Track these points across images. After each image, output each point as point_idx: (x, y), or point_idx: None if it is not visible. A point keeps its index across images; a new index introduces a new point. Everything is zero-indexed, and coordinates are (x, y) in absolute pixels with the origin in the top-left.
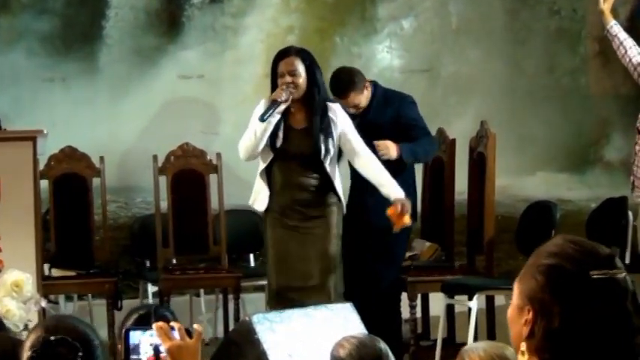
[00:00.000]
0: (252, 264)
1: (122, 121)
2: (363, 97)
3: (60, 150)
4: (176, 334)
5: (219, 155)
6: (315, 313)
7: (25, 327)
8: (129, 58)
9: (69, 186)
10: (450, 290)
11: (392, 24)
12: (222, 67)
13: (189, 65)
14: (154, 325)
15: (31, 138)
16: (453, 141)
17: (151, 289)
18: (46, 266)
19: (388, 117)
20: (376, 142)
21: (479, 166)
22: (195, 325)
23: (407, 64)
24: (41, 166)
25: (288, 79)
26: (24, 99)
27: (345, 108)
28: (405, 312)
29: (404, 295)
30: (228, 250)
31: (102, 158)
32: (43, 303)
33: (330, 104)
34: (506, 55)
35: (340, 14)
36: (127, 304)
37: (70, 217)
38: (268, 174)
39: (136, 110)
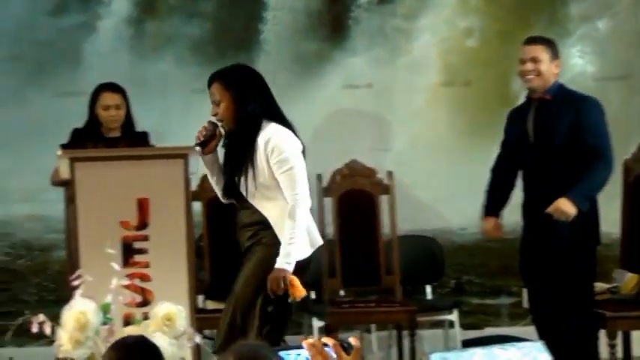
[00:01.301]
0: (430, 296)
1: None
2: (548, 66)
3: None
4: (331, 351)
5: (390, 174)
6: (500, 352)
7: None
8: (288, 66)
9: (224, 209)
10: None
11: (585, 25)
12: (393, 75)
13: (356, 73)
14: (304, 343)
15: (182, 156)
16: None
17: (317, 324)
18: (199, 298)
19: (566, 120)
20: (549, 211)
21: None
22: (351, 339)
23: (601, 70)
24: (193, 187)
25: (213, 110)
26: (173, 112)
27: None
28: (604, 352)
29: (602, 333)
30: (402, 280)
31: None
32: (198, 339)
33: (267, 127)
34: None
35: (525, 15)
36: (291, 340)
37: (225, 243)
38: None
39: (296, 124)
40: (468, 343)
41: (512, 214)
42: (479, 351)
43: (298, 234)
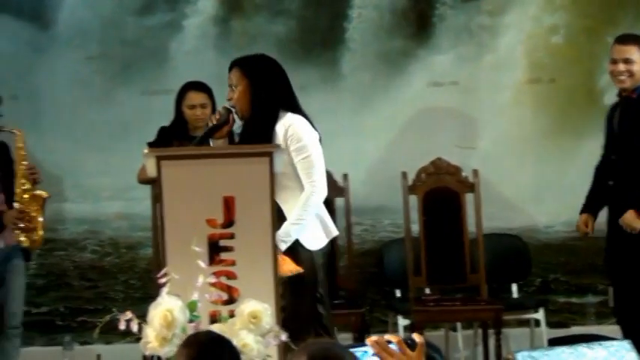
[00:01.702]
0: (516, 295)
1: (367, 134)
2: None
3: None
4: (395, 348)
5: (476, 172)
6: (586, 350)
7: None
8: (373, 64)
9: None
10: None
11: None
12: (478, 72)
13: (441, 71)
14: (368, 341)
15: (267, 154)
16: None
17: (402, 322)
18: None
19: None
20: (620, 222)
21: None
22: (414, 335)
23: None
24: None
25: (228, 95)
26: None
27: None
28: None
29: None
30: (487, 278)
31: (345, 176)
32: (283, 336)
33: (285, 116)
34: None
35: (611, 11)
36: None
37: None
38: None
39: (382, 122)
40: (554, 342)
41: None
42: (565, 350)
43: (306, 219)
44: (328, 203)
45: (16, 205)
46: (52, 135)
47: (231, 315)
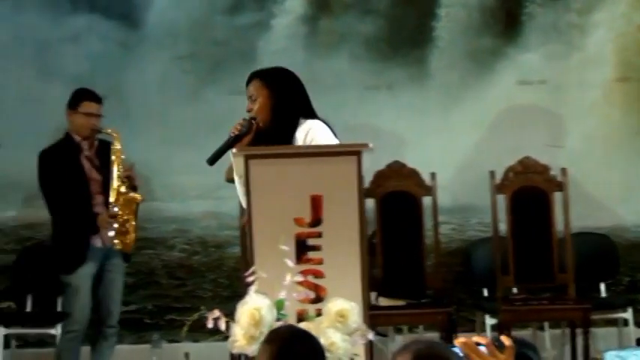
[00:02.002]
0: (604, 294)
1: (455, 133)
2: None
3: (387, 166)
4: (484, 350)
5: (564, 171)
6: None
7: None
8: (462, 63)
9: (397, 206)
10: None
11: None
12: (567, 71)
13: (530, 69)
14: (456, 342)
15: (355, 152)
16: None
17: (489, 321)
18: (372, 294)
19: None
20: None
21: None
22: (502, 338)
23: None
24: (366, 184)
25: (249, 106)
26: (347, 108)
27: None
28: None
29: None
30: (575, 278)
31: (433, 175)
32: (370, 335)
33: (305, 122)
34: None
35: None
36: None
37: (399, 240)
38: None
39: (469, 121)
40: None
41: None
42: None
43: None
44: (414, 200)
45: (111, 207)
46: (141, 134)
47: (319, 313)
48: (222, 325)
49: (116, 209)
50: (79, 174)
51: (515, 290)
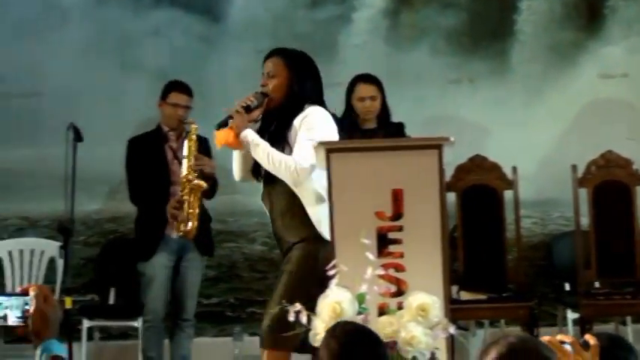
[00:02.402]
0: None
1: (536, 127)
2: None
3: (468, 159)
4: (569, 348)
5: None
6: None
7: (432, 356)
8: (543, 56)
9: (478, 199)
10: None
11: None
12: None
13: (612, 63)
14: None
15: (436, 146)
16: None
17: (571, 315)
18: (453, 288)
19: None
20: None
21: None
22: (587, 337)
23: None
24: (447, 177)
25: (263, 81)
26: (427, 102)
27: None
28: None
29: None
30: None
31: (514, 168)
32: (452, 329)
33: (306, 108)
34: None
35: None
36: (544, 332)
37: (480, 234)
38: None
39: (551, 114)
40: None
41: None
42: None
43: (271, 160)
44: (495, 194)
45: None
46: None
47: (400, 307)
48: (304, 319)
49: (185, 198)
50: (160, 163)
51: (597, 284)
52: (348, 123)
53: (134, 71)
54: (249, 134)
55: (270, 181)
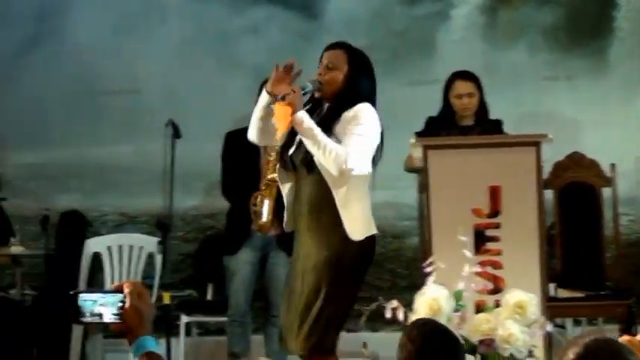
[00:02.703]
0: None
1: (635, 124)
2: None
3: (566, 156)
4: None
5: None
6: None
7: (530, 354)
8: None
9: (576, 197)
10: None
11: None
12: None
13: None
14: (620, 340)
15: (534, 143)
16: None
17: None
18: (551, 286)
19: None
20: None
21: None
22: None
23: None
24: (545, 175)
25: (320, 71)
26: (525, 99)
27: None
28: None
29: None
30: None
31: (613, 166)
32: (549, 327)
33: (359, 104)
34: None
35: None
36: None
37: (577, 231)
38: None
39: None
40: None
41: None
42: None
43: (323, 149)
44: (593, 191)
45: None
46: None
47: (497, 305)
48: (401, 315)
49: (263, 193)
50: (252, 159)
51: None
52: (445, 120)
53: (232, 68)
54: (304, 115)
55: (307, 169)
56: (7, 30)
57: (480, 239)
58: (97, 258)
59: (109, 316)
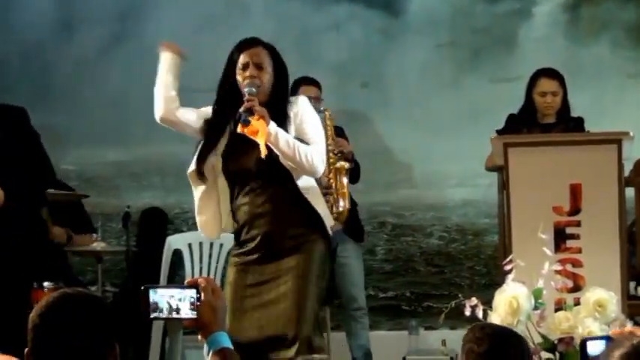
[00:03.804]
0: None
1: None
2: None
3: None
4: None
5: None
6: None
7: None
8: None
9: None
10: None
11: None
12: None
13: None
14: (611, 332)
15: (615, 141)
16: None
17: None
18: (631, 284)
19: None
20: None
21: None
22: None
23: None
24: (626, 172)
25: (254, 72)
26: (607, 97)
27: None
28: None
29: None
30: None
31: None
32: (629, 325)
33: (293, 99)
34: None
35: None
36: None
37: None
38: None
39: None
40: None
41: None
42: None
43: (290, 147)
44: None
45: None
46: (400, 122)
47: (576, 303)
48: (480, 313)
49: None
50: None
51: None
52: (526, 117)
53: (313, 65)
54: (274, 125)
55: (268, 177)
56: (90, 30)
57: (560, 237)
58: (177, 255)
59: (185, 311)
